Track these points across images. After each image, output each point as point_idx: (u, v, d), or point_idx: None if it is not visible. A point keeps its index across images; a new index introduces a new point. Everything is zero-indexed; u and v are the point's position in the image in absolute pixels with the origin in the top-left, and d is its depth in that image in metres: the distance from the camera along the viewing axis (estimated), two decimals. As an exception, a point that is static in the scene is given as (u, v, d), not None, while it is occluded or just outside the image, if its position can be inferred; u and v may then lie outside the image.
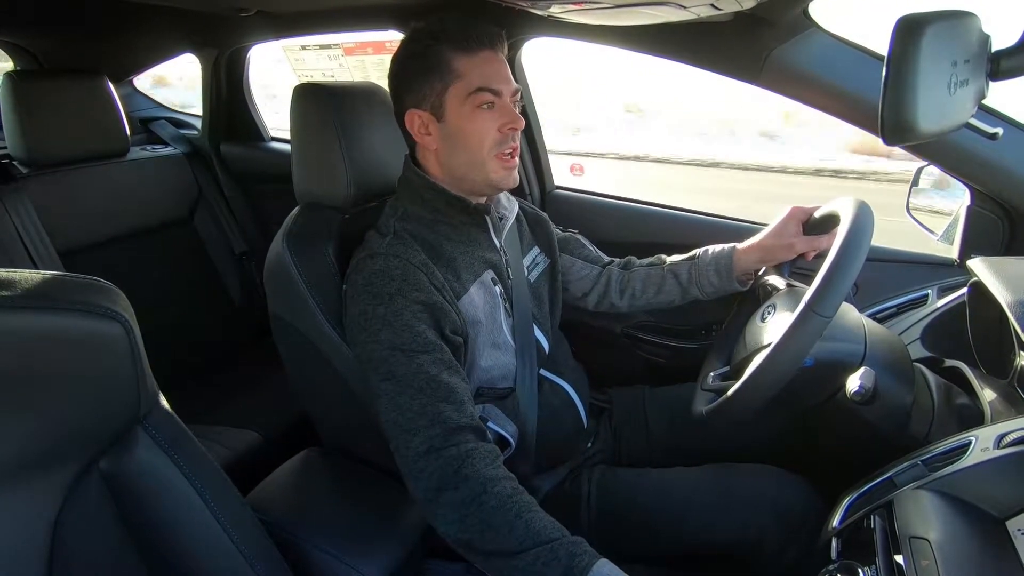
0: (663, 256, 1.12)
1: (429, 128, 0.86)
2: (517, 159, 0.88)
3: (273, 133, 2.02)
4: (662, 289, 1.09)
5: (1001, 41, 0.66)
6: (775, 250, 0.99)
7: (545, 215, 1.10)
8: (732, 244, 1.04)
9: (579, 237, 1.17)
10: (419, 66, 0.84)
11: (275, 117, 2.11)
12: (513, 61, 1.41)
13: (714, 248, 1.05)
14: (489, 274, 0.91)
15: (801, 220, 0.98)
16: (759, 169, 7.08)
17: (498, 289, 0.91)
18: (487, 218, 0.92)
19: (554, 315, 1.04)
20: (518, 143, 0.87)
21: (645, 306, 1.12)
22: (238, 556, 0.61)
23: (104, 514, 0.56)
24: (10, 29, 1.80)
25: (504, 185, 0.88)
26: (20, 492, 0.50)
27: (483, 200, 0.93)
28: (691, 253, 1.08)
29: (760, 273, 1.02)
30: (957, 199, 1.11)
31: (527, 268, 1.00)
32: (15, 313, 0.45)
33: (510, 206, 0.98)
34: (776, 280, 0.97)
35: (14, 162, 1.49)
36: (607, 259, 1.16)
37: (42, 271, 0.49)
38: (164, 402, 0.60)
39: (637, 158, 7.69)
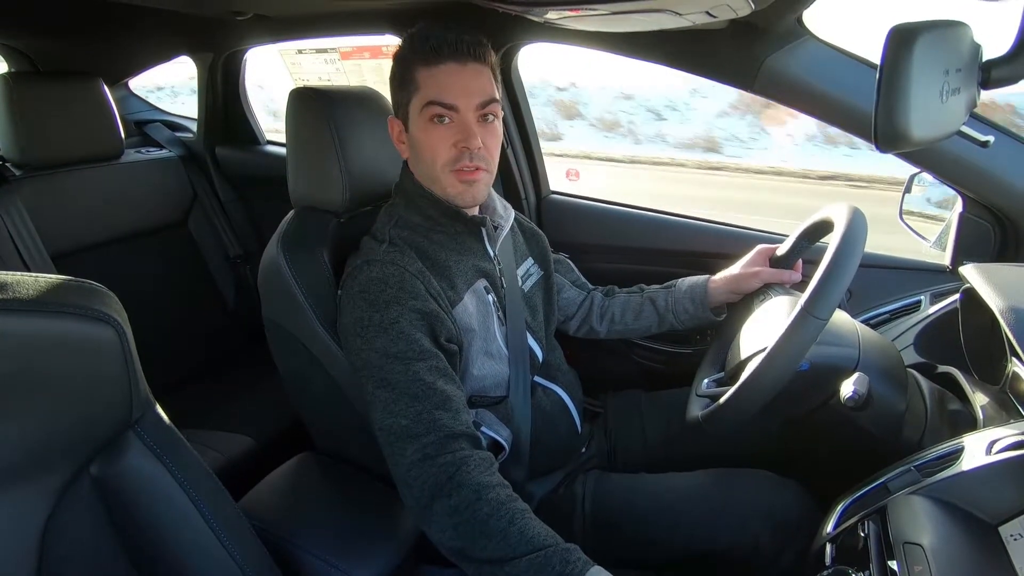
0: (643, 285, 1.15)
1: (401, 136, 0.88)
2: (481, 175, 0.85)
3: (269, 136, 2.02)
4: (640, 316, 1.12)
5: (992, 50, 0.66)
6: (742, 280, 1.02)
7: (541, 232, 1.11)
8: (707, 276, 1.07)
9: (568, 261, 1.20)
10: (395, 74, 0.86)
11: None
12: (509, 68, 1.41)
13: (690, 278, 1.10)
14: (482, 283, 0.91)
15: (767, 255, 1.03)
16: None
17: (491, 298, 0.91)
18: (482, 228, 0.92)
19: (549, 324, 1.04)
20: (480, 161, 0.84)
21: (623, 331, 1.14)
22: (230, 561, 0.60)
23: (95, 519, 0.55)
24: (5, 31, 1.79)
25: (460, 202, 0.87)
26: (10, 496, 0.50)
27: (477, 209, 0.93)
28: (668, 283, 1.12)
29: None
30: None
31: (520, 278, 1.00)
32: (6, 316, 0.45)
33: (506, 215, 0.98)
34: (770, 286, 0.99)
35: (7, 164, 1.49)
36: (591, 286, 1.19)
37: (34, 274, 0.49)
38: (157, 406, 0.60)
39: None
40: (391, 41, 1.55)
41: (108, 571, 0.56)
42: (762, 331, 0.86)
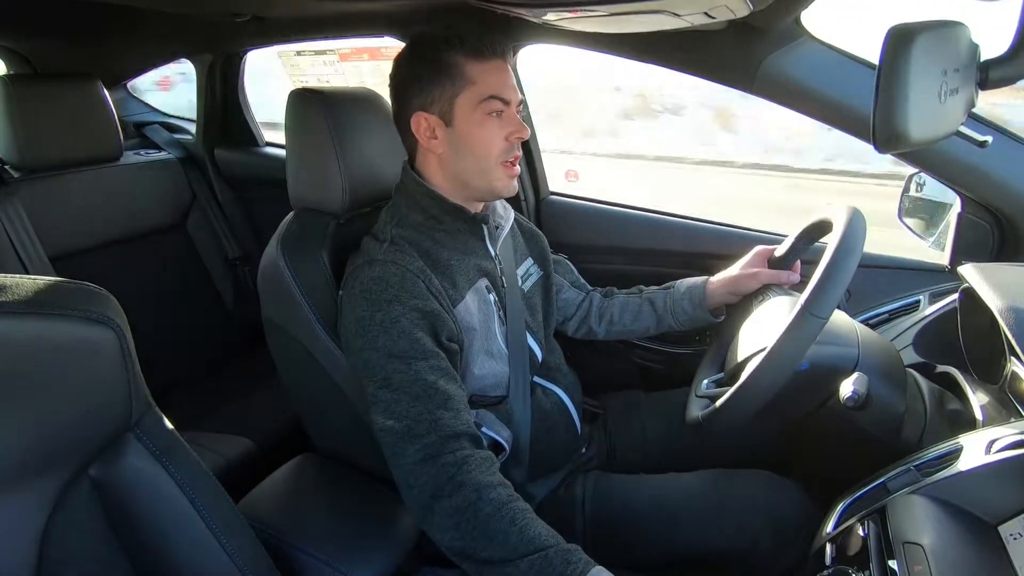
0: (642, 286, 1.15)
1: (436, 132, 0.86)
2: (519, 168, 0.89)
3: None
4: (638, 317, 1.12)
5: (990, 51, 0.67)
6: (740, 281, 1.02)
7: (540, 232, 1.12)
8: (705, 277, 1.07)
9: (567, 262, 1.20)
10: (429, 70, 0.84)
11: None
12: (508, 68, 1.41)
13: (689, 280, 1.09)
14: (484, 282, 0.91)
15: (765, 257, 1.03)
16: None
17: (492, 297, 0.91)
18: (484, 227, 0.92)
19: (548, 324, 1.05)
20: (520, 152, 0.89)
21: (621, 332, 1.14)
22: (229, 564, 0.60)
23: (94, 522, 0.55)
24: (4, 33, 1.79)
25: (505, 193, 0.89)
26: (7, 500, 0.50)
27: (480, 208, 0.93)
28: (667, 284, 1.12)
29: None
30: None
31: (520, 278, 1.00)
32: (4, 319, 0.45)
33: (506, 215, 0.99)
34: (769, 287, 0.99)
35: (6, 166, 1.49)
36: (589, 287, 1.19)
37: (33, 276, 0.49)
38: (156, 409, 0.60)
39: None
40: (389, 43, 1.55)
41: (107, 573, 0.56)
42: (761, 331, 0.86)
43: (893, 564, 0.58)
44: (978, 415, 0.73)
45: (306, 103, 0.95)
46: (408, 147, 0.91)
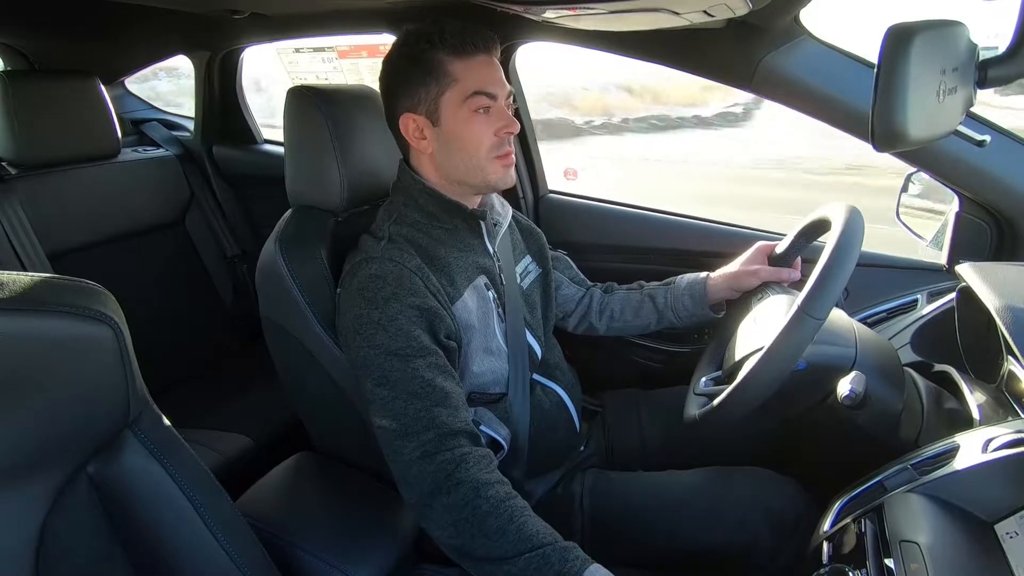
0: (643, 282, 1.15)
1: (424, 132, 0.85)
2: (512, 156, 0.88)
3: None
4: (639, 313, 1.11)
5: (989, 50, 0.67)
6: (741, 278, 1.02)
7: (539, 229, 1.11)
8: (706, 273, 1.07)
9: (567, 258, 1.20)
10: (413, 69, 0.83)
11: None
12: (507, 66, 1.41)
13: (689, 275, 1.09)
14: (482, 279, 0.91)
15: (766, 253, 1.03)
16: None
17: (491, 294, 0.91)
18: (482, 224, 0.92)
19: (547, 321, 1.04)
20: (512, 146, 0.88)
21: (622, 328, 1.14)
22: (228, 562, 0.60)
23: (92, 519, 0.55)
24: (1, 29, 1.78)
25: (502, 185, 0.89)
26: (6, 497, 0.50)
27: (478, 204, 0.93)
28: (667, 279, 1.12)
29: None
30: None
31: (519, 275, 1.00)
32: (2, 316, 0.45)
33: (504, 212, 0.98)
34: (768, 285, 0.99)
35: (3, 163, 1.48)
36: (589, 283, 1.18)
37: (30, 273, 0.49)
38: (154, 406, 0.60)
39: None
40: (388, 40, 1.54)
41: (106, 571, 0.56)
42: (759, 330, 0.86)
43: (890, 562, 0.58)
44: (975, 414, 0.73)
45: (305, 100, 0.95)
46: (401, 147, 0.91)
